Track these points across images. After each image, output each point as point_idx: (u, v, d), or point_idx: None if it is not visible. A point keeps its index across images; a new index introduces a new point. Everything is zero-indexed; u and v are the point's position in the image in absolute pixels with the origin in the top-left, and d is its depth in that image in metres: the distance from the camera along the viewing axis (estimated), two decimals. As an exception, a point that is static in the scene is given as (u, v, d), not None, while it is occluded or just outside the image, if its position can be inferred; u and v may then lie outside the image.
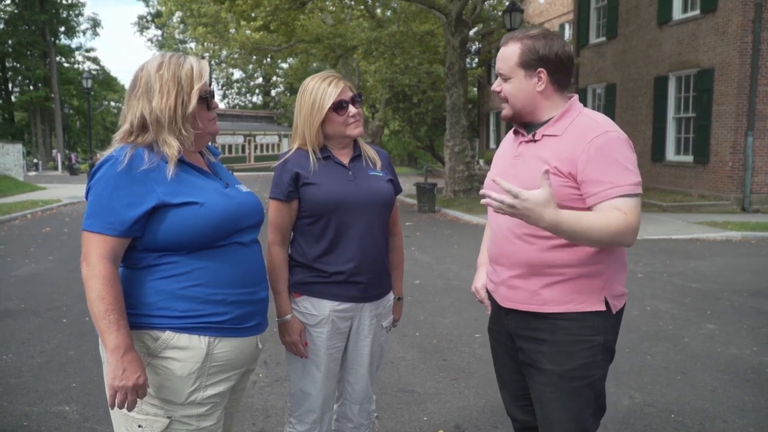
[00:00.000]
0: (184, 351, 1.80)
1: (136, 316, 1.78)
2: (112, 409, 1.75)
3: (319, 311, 2.34)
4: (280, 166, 2.35)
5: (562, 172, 1.93)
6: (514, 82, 2.04)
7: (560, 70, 2.03)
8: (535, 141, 2.04)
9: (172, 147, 1.81)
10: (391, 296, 2.53)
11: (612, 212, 1.86)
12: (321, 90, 2.28)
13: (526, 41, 2.01)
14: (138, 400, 1.75)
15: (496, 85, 2.09)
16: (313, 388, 2.38)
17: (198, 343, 1.81)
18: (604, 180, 1.88)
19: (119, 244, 1.75)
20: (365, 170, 2.39)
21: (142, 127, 1.82)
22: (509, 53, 2.04)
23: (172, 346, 1.79)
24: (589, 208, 1.92)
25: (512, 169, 2.09)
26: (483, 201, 1.79)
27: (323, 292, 2.33)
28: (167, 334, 1.79)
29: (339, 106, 2.29)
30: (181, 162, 1.84)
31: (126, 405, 1.72)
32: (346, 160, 2.38)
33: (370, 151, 2.46)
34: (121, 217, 1.73)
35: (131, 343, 1.72)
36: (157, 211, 1.76)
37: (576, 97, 2.10)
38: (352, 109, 2.32)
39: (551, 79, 2.03)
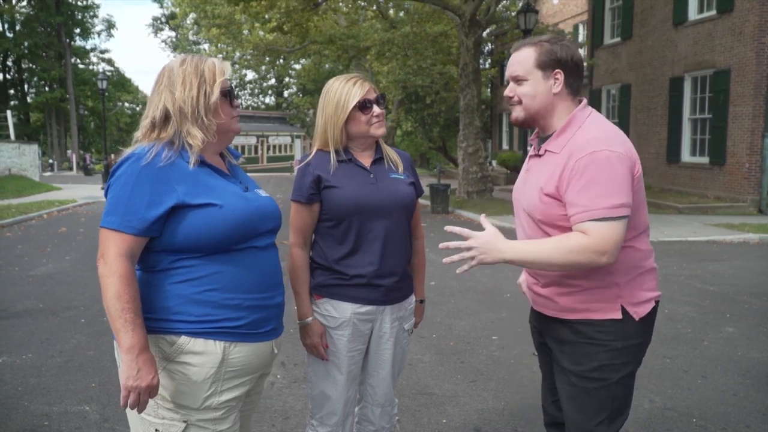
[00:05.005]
0: (200, 356, 1.79)
1: (152, 320, 1.77)
2: (124, 408, 1.74)
3: (340, 314, 2.33)
4: (302, 169, 2.35)
5: (551, 194, 1.95)
6: (530, 83, 2.04)
7: (574, 74, 2.05)
8: (539, 156, 2.08)
9: (195, 137, 1.81)
10: (412, 299, 2.52)
11: (571, 236, 1.89)
12: (346, 90, 2.29)
13: (544, 44, 2.03)
14: (153, 402, 1.75)
15: (509, 90, 2.10)
16: (333, 390, 2.38)
17: (214, 348, 1.80)
18: (577, 203, 1.89)
19: (137, 243, 1.74)
20: (387, 173, 2.38)
21: (165, 119, 1.82)
22: (525, 56, 2.05)
23: (188, 351, 1.78)
24: None
25: (523, 183, 2.15)
26: (445, 260, 1.95)
27: (344, 294, 2.33)
28: (183, 339, 1.78)
29: (364, 106, 2.29)
30: (202, 163, 1.84)
31: (138, 406, 1.71)
32: (367, 163, 2.38)
33: (392, 153, 2.45)
34: (140, 216, 1.72)
35: (146, 343, 1.71)
36: (176, 211, 1.75)
37: (583, 104, 2.08)
38: (376, 109, 2.32)
39: (566, 83, 2.04)
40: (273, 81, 55.69)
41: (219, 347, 1.80)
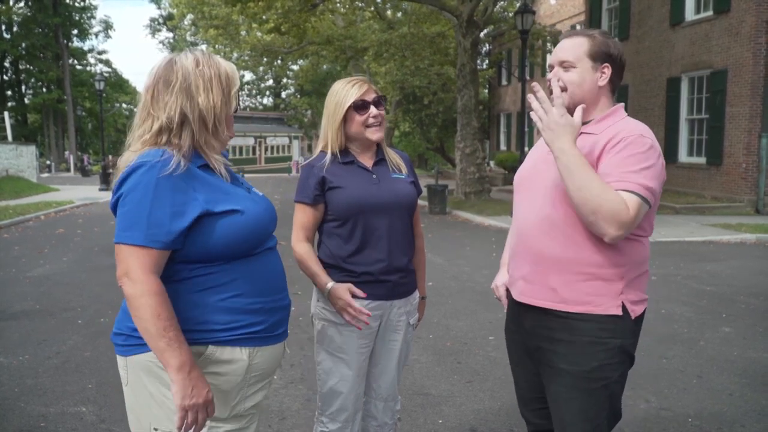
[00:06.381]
0: (228, 365, 1.75)
1: None
2: (181, 431, 1.63)
3: None
4: (306, 170, 2.41)
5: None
6: (578, 71, 2.04)
7: (619, 72, 2.08)
8: None
9: (214, 149, 1.77)
10: (416, 294, 2.58)
11: (611, 189, 1.85)
12: (344, 90, 2.36)
13: (598, 36, 2.05)
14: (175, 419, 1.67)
15: (553, 75, 2.06)
16: (344, 386, 2.42)
17: (240, 354, 1.76)
18: (612, 172, 1.88)
19: (163, 257, 1.65)
20: (389, 173, 2.45)
21: (181, 125, 1.71)
22: (577, 43, 2.05)
23: (216, 361, 1.73)
24: None
25: (545, 164, 2.09)
26: (533, 90, 1.89)
27: None
28: (210, 349, 1.72)
29: (359, 106, 2.34)
30: (208, 168, 1.77)
31: (196, 425, 1.63)
32: (369, 164, 2.44)
33: (392, 155, 2.52)
34: (166, 228, 1.62)
35: (193, 358, 1.64)
36: (200, 220, 1.68)
37: (622, 104, 2.12)
38: (373, 110, 2.36)
39: (611, 78, 2.06)
40: (271, 82, 55.71)
41: (245, 353, 1.76)
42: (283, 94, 56.58)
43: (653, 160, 1.91)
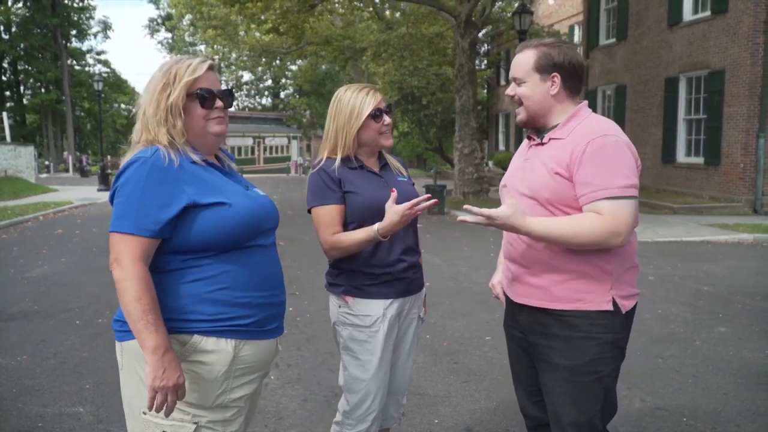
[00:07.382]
0: (212, 354, 1.81)
1: (164, 321, 1.76)
2: (151, 411, 1.72)
3: (373, 311, 2.43)
4: (321, 175, 2.42)
5: (562, 174, 2.02)
6: (528, 85, 2.15)
7: (572, 76, 2.14)
8: (543, 144, 2.15)
9: (163, 137, 1.84)
10: (424, 289, 2.67)
11: (586, 216, 1.96)
12: (360, 99, 2.41)
13: (542, 48, 2.13)
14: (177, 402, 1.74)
15: (510, 90, 2.20)
16: (372, 387, 2.46)
17: (225, 346, 1.82)
18: (592, 182, 1.97)
19: (151, 245, 1.75)
20: (394, 177, 2.55)
21: (153, 121, 1.86)
22: (525, 59, 2.15)
23: (201, 350, 1.80)
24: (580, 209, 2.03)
25: (521, 172, 2.21)
26: (459, 218, 1.98)
27: (374, 292, 2.44)
28: (195, 338, 1.80)
29: (376, 115, 2.42)
30: (206, 163, 1.87)
31: (165, 407, 1.71)
32: (376, 169, 2.52)
33: (392, 159, 2.62)
34: (153, 218, 1.73)
35: (169, 343, 1.72)
36: (188, 211, 1.77)
37: (585, 103, 2.19)
38: (386, 119, 2.45)
39: (564, 85, 2.13)
40: (269, 82, 55.72)
41: (230, 345, 1.82)
42: (282, 95, 56.59)
43: (623, 155, 2.00)
